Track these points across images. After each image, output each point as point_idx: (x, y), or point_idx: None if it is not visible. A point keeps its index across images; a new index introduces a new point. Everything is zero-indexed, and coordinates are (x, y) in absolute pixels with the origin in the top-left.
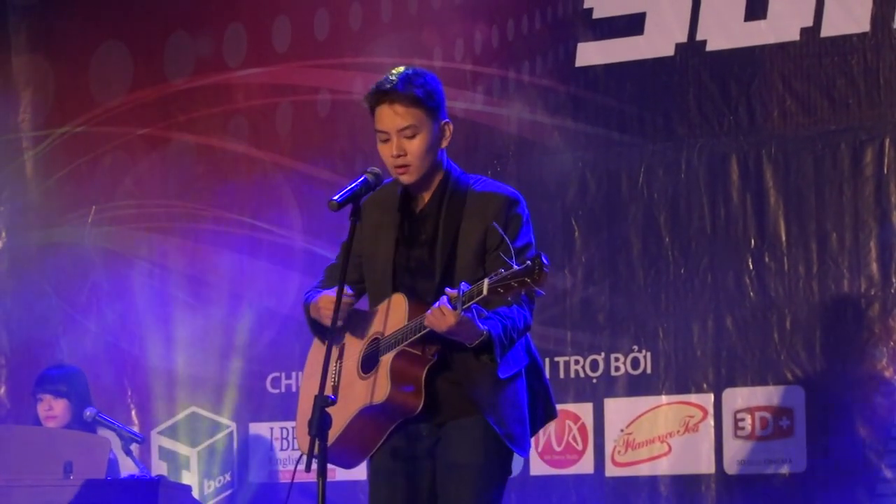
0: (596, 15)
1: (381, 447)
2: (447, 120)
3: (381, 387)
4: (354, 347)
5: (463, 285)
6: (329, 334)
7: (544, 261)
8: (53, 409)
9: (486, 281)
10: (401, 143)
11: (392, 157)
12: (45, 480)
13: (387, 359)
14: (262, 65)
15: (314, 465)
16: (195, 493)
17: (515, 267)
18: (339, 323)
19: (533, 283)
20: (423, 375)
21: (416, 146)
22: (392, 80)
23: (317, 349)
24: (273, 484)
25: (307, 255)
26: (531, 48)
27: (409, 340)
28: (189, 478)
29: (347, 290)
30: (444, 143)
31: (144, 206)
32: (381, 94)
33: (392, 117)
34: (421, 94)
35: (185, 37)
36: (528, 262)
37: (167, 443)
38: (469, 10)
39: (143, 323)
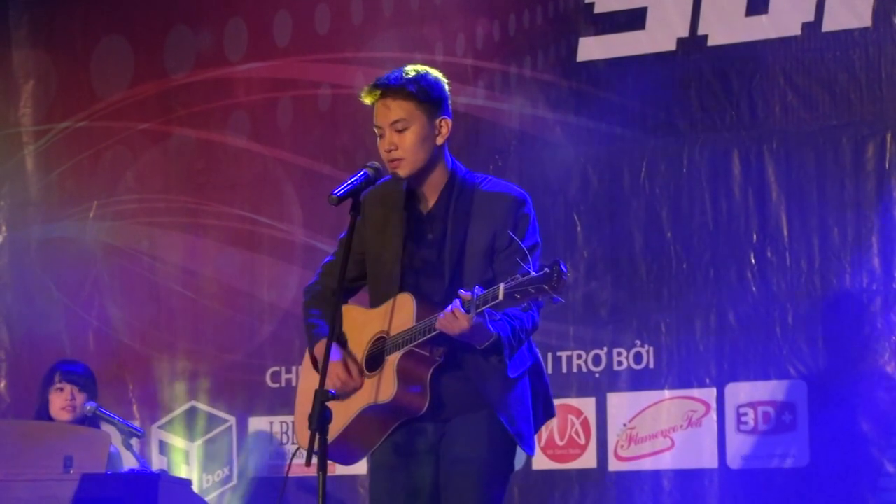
0: (597, 10)
1: (382, 442)
2: (444, 116)
3: (386, 386)
4: (358, 345)
5: (477, 289)
6: (330, 331)
7: (563, 268)
8: (76, 399)
9: (502, 286)
10: (392, 136)
11: (385, 150)
12: (44, 475)
13: (393, 358)
14: (263, 59)
15: (314, 460)
16: (194, 488)
17: (533, 273)
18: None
19: (551, 290)
20: (430, 376)
21: (406, 140)
22: (387, 77)
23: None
24: (272, 478)
25: (307, 249)
26: (533, 43)
27: (418, 341)
28: (188, 472)
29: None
30: (440, 140)
31: (145, 200)
32: (375, 90)
33: (384, 111)
34: (413, 88)
35: (185, 31)
36: (547, 268)
37: (167, 437)
38: (470, 5)
39: (144, 317)
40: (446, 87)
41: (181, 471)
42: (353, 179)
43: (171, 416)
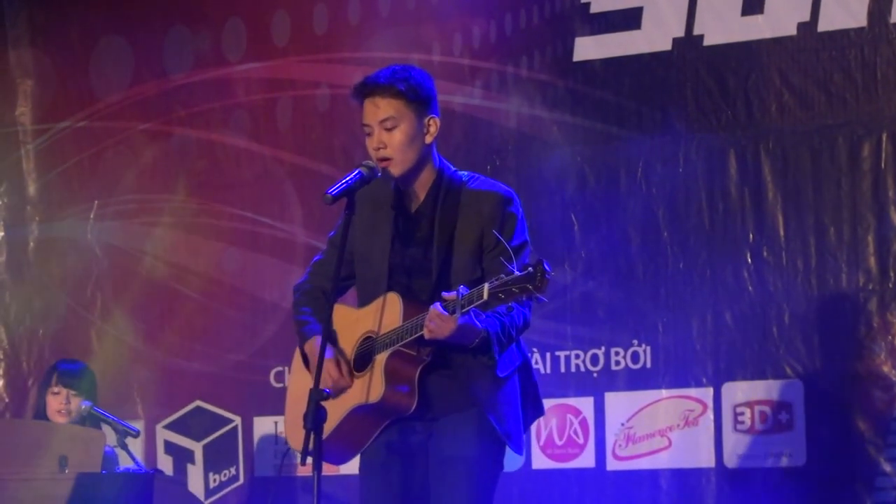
0: (593, 9)
1: (372, 442)
2: (433, 115)
3: (375, 386)
4: (347, 345)
5: (462, 289)
6: (325, 330)
7: (546, 267)
8: (71, 404)
9: (486, 286)
10: (381, 135)
11: (374, 149)
12: (39, 474)
13: (381, 358)
14: (262, 59)
15: (309, 460)
16: (200, 488)
17: (517, 273)
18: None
19: (535, 290)
20: (417, 376)
21: (395, 138)
22: (376, 75)
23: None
24: (278, 477)
25: (308, 249)
26: (529, 43)
27: (405, 341)
28: (194, 472)
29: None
30: (429, 139)
31: (146, 200)
32: (364, 88)
33: (373, 110)
34: (402, 87)
35: (184, 31)
36: (531, 268)
37: (172, 437)
38: (467, 5)
39: (148, 317)
40: (435, 86)
41: (186, 470)
42: (348, 178)
43: (177, 415)
